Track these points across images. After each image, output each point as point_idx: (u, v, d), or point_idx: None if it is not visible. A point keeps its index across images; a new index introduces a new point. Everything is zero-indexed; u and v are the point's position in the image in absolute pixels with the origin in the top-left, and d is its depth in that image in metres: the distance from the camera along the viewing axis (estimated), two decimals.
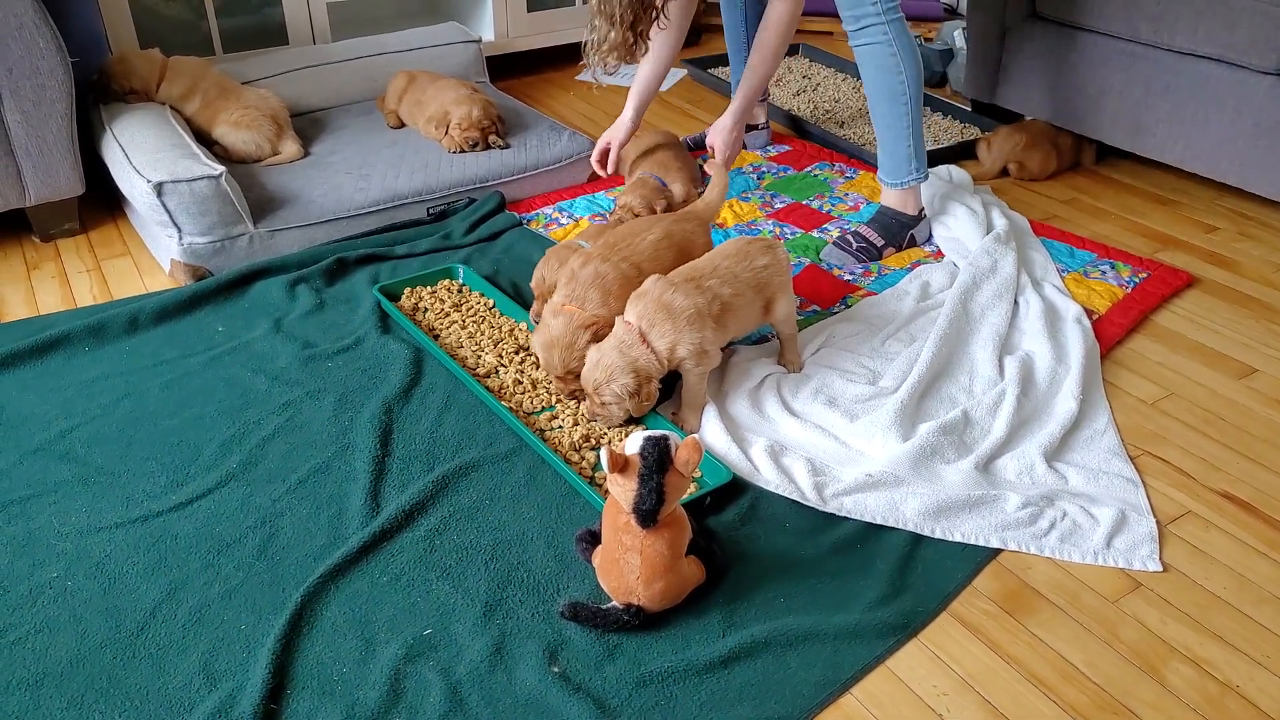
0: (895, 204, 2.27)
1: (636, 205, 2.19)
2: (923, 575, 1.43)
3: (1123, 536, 1.49)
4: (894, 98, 2.12)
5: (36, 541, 1.45)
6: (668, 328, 1.60)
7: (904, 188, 2.24)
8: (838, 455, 1.64)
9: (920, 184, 2.25)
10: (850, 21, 2.10)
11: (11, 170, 2.19)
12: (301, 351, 1.87)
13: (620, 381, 1.59)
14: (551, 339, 1.70)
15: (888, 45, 2.08)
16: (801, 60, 3.59)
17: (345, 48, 2.89)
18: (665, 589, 1.31)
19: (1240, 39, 2.29)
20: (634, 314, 1.63)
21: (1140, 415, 1.78)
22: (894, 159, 2.20)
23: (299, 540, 1.46)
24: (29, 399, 1.74)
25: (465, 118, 2.54)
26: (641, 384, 1.60)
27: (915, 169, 2.21)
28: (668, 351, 1.61)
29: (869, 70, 2.13)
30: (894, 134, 2.17)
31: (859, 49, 2.12)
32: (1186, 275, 2.20)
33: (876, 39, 2.08)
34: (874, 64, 2.11)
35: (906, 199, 2.26)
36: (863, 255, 2.22)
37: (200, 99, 2.48)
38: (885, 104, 2.14)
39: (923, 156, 2.21)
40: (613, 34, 2.04)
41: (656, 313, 1.61)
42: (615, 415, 1.63)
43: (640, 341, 1.60)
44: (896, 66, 2.09)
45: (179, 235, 2.10)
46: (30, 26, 2.08)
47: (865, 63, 2.13)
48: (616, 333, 1.63)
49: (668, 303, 1.61)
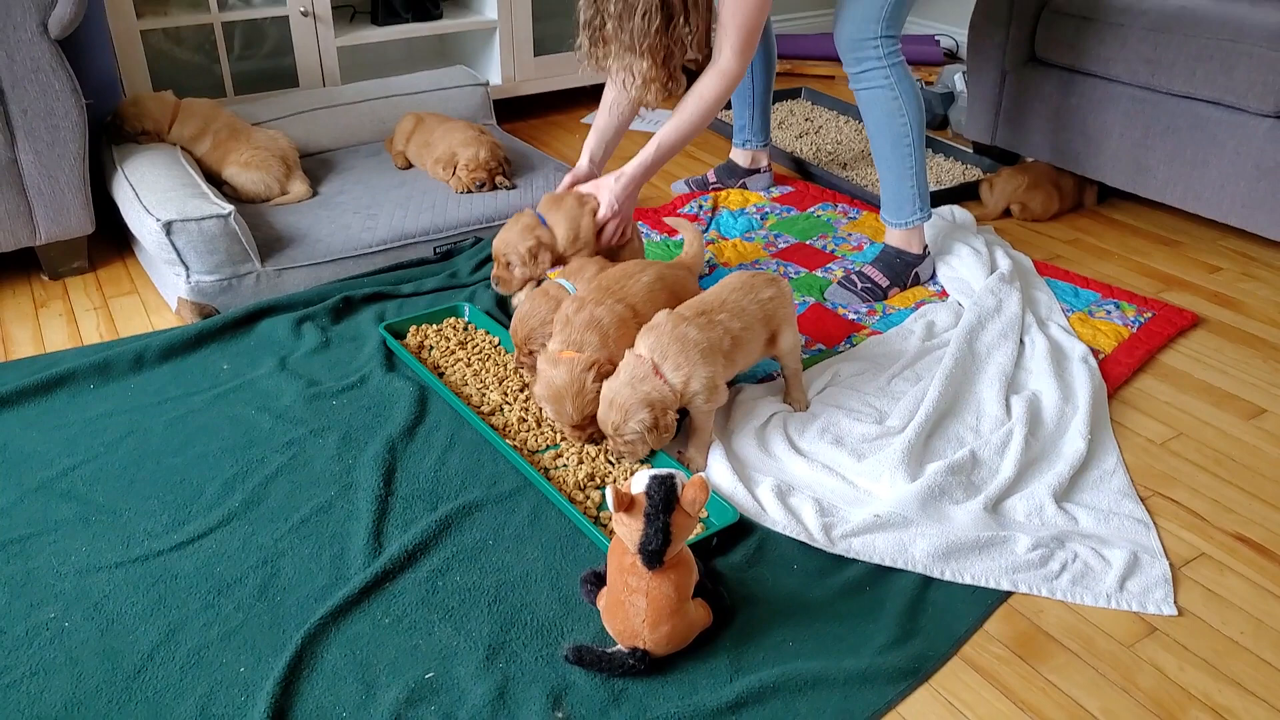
0: (899, 243, 2.27)
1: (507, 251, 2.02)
2: (933, 618, 1.41)
3: (1136, 579, 1.47)
4: (897, 140, 2.14)
5: (35, 581, 1.43)
6: (682, 360, 1.59)
7: (908, 228, 2.24)
8: (845, 495, 1.62)
9: (924, 223, 2.25)
10: (852, 64, 2.11)
11: (23, 209, 2.20)
12: (306, 389, 1.87)
13: (638, 418, 1.57)
14: (558, 389, 1.65)
15: (890, 89, 2.09)
16: (804, 103, 3.62)
17: (355, 90, 2.92)
18: (671, 632, 1.29)
19: (1238, 82, 2.31)
20: (645, 347, 1.61)
21: (1149, 455, 1.77)
22: (898, 199, 2.21)
23: (300, 580, 1.44)
24: (33, 436, 1.74)
25: (472, 159, 2.56)
26: (658, 416, 1.58)
27: (919, 209, 2.21)
28: (682, 385, 1.59)
29: (872, 113, 2.15)
30: (897, 175, 2.18)
31: (861, 92, 2.14)
32: (1192, 315, 2.20)
33: (878, 82, 2.10)
34: (877, 107, 2.13)
35: (911, 238, 2.26)
36: (867, 295, 2.22)
37: (211, 140, 2.51)
38: (888, 146, 2.16)
39: (926, 196, 2.22)
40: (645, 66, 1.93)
41: (670, 345, 1.60)
42: (640, 451, 1.62)
43: (654, 373, 1.58)
44: (899, 110, 2.11)
45: (187, 273, 2.11)
46: (47, 69, 2.11)
47: (868, 106, 2.15)
48: (626, 367, 1.61)
49: (682, 335, 1.60)
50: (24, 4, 2.04)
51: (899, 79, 2.09)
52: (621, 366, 1.62)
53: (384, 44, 3.20)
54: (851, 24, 2.08)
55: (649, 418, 1.57)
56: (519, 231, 2.01)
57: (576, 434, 1.70)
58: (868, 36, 2.07)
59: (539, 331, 1.81)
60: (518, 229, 2.02)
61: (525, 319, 1.83)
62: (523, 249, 1.99)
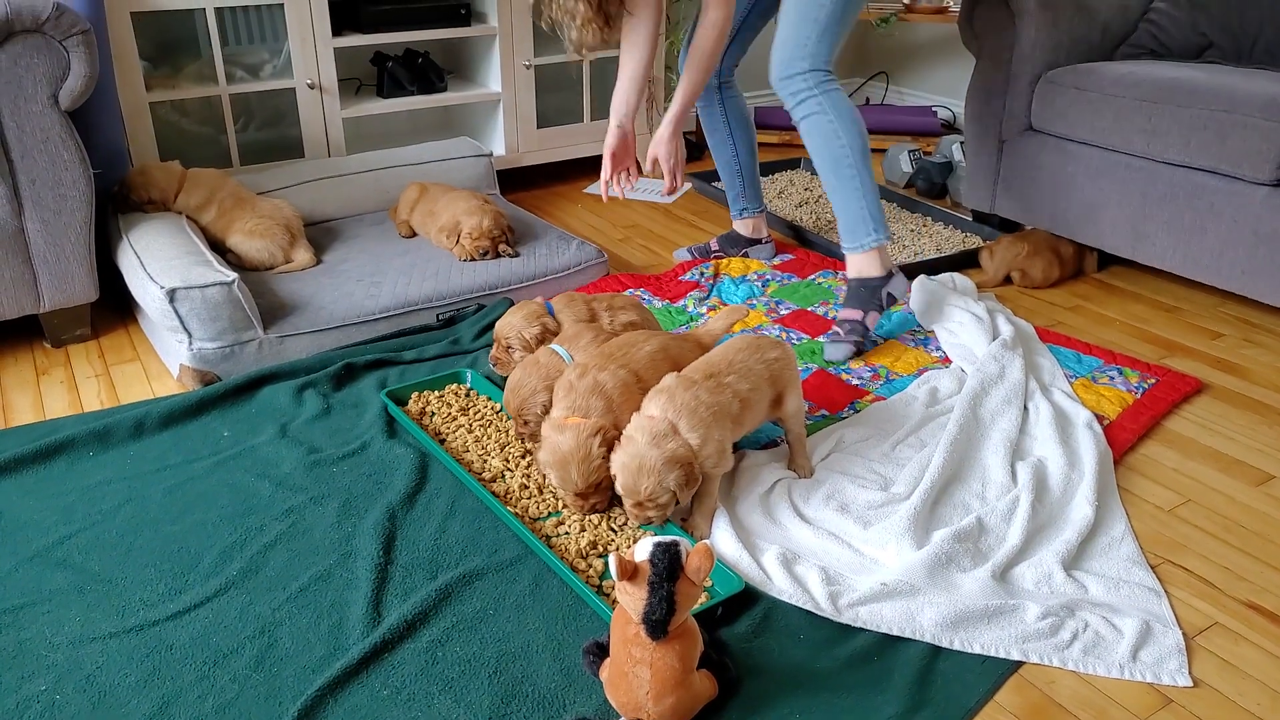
0: (860, 271, 2.30)
1: (510, 335, 2.02)
2: (942, 689, 1.38)
3: (1149, 649, 1.44)
4: (838, 163, 2.21)
5: (27, 652, 1.40)
6: (696, 421, 1.57)
7: (865, 250, 2.27)
8: (851, 563, 1.60)
9: (883, 244, 2.27)
10: (787, 99, 2.22)
11: (28, 276, 2.22)
12: (306, 456, 1.86)
13: (670, 478, 1.54)
14: (564, 455, 1.62)
15: (824, 113, 2.18)
16: (803, 173, 3.68)
17: (360, 161, 2.96)
18: (676, 704, 1.26)
19: (1233, 151, 2.34)
20: (657, 408, 1.60)
21: (1158, 522, 1.75)
22: (851, 223, 2.26)
23: (298, 651, 1.41)
24: (30, 504, 1.72)
25: (476, 228, 2.58)
26: (689, 473, 1.55)
27: (874, 229, 2.25)
28: (698, 446, 1.58)
29: (813, 141, 2.23)
30: (844, 197, 2.24)
31: (800, 123, 2.23)
32: (1196, 381, 2.19)
33: (812, 109, 2.20)
34: (815, 134, 2.21)
35: (870, 262, 2.28)
36: (855, 334, 2.25)
37: (216, 209, 2.54)
38: (831, 171, 2.23)
39: (880, 218, 2.25)
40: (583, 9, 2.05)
41: (684, 406, 1.58)
42: (668, 511, 1.59)
43: (673, 432, 1.57)
44: (835, 132, 2.19)
45: (189, 340, 2.11)
46: (56, 140, 2.14)
47: (807, 135, 2.23)
48: (643, 429, 1.57)
49: (694, 397, 1.59)
50: (35, 76, 2.08)
51: (833, 104, 2.18)
52: (635, 430, 1.58)
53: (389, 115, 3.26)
54: (780, 63, 2.21)
55: (681, 475, 1.54)
56: (524, 317, 2.02)
57: (579, 503, 1.67)
58: (795, 72, 2.19)
59: (530, 401, 1.80)
60: (523, 314, 2.02)
61: (516, 389, 1.83)
62: (527, 334, 1.99)
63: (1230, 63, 2.76)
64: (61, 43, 2.09)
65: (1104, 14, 2.83)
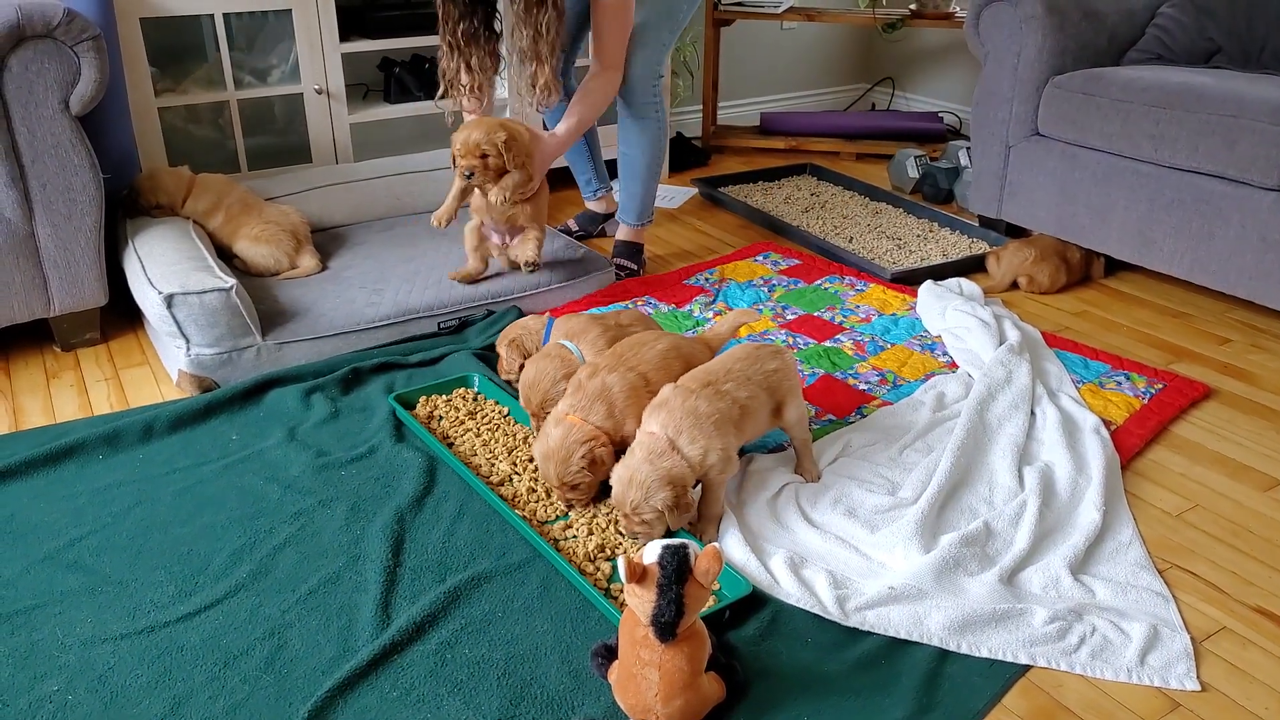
0: (635, 238, 2.82)
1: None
2: (950, 693, 1.38)
3: (1157, 653, 1.44)
4: (653, 162, 2.72)
5: (39, 653, 1.41)
6: (697, 434, 1.58)
7: (642, 226, 2.81)
8: (859, 567, 1.60)
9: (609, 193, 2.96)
10: (635, 101, 2.62)
11: (38, 281, 2.23)
12: (315, 460, 1.86)
13: (659, 496, 1.55)
14: (548, 450, 1.67)
15: (658, 121, 2.69)
16: (809, 179, 3.68)
17: (368, 167, 2.97)
18: (685, 707, 1.26)
19: (1241, 157, 2.34)
20: (657, 424, 1.60)
21: (1165, 527, 1.75)
22: (640, 206, 2.76)
23: (307, 652, 1.42)
24: (41, 507, 1.73)
25: (464, 143, 2.31)
26: (679, 495, 1.56)
27: (650, 214, 2.81)
28: (699, 458, 1.58)
29: (643, 140, 2.68)
30: (645, 188, 2.75)
31: (637, 121, 2.65)
32: (1203, 386, 2.19)
33: (651, 115, 2.67)
34: (647, 135, 2.68)
35: (640, 234, 2.82)
36: (628, 261, 2.77)
37: (224, 214, 2.54)
38: (644, 166, 2.71)
39: (652, 206, 2.82)
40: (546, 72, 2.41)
41: (684, 419, 1.59)
42: (655, 532, 1.59)
43: (670, 450, 1.58)
44: (661, 136, 2.72)
45: (187, 346, 2.12)
46: (66, 145, 2.16)
47: (640, 133, 2.67)
48: (642, 445, 1.59)
49: (693, 409, 1.60)
50: (46, 81, 2.10)
51: (664, 114, 2.71)
52: (636, 445, 1.60)
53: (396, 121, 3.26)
54: (640, 69, 2.58)
55: (670, 496, 1.55)
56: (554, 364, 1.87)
57: (557, 493, 1.71)
58: (654, 79, 2.62)
59: (553, 391, 1.82)
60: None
61: (535, 384, 1.84)
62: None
63: (1238, 68, 2.76)
64: (72, 48, 2.10)
65: (1111, 19, 2.83)
